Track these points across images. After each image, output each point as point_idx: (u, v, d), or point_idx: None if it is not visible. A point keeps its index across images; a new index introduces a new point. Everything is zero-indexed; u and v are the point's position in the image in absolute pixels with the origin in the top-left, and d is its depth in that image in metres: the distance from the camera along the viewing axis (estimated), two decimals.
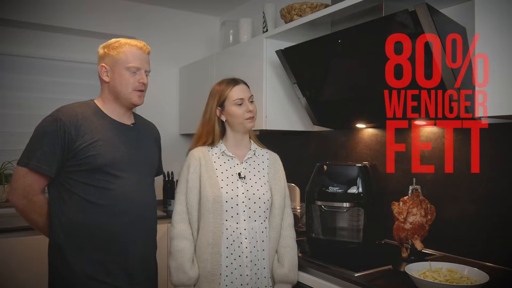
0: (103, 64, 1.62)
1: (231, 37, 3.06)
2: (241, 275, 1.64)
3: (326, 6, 2.10)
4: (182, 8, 3.60)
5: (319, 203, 1.99)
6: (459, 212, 1.83)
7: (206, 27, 3.75)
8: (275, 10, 2.65)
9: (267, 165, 1.84)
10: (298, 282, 1.76)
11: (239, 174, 1.74)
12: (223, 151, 1.78)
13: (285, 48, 2.18)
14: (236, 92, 1.77)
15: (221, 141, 1.81)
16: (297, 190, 2.30)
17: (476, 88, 1.40)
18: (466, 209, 1.81)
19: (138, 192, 1.61)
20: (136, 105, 1.67)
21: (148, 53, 1.68)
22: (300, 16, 2.25)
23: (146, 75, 1.65)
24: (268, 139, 3.12)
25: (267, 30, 2.59)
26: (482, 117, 1.44)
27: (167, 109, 3.53)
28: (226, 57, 2.88)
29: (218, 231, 1.64)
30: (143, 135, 1.72)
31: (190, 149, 1.81)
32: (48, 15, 3.10)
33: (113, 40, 1.64)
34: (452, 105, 1.61)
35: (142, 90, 1.63)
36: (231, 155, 1.77)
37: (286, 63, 2.21)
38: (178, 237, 1.68)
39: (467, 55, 1.71)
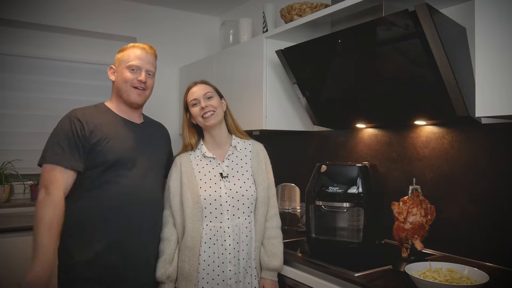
0: (111, 65, 1.75)
1: (231, 37, 3.06)
2: (223, 272, 1.69)
3: (326, 6, 2.10)
4: (182, 8, 3.60)
5: (319, 203, 1.99)
6: (459, 212, 1.83)
7: (206, 27, 3.75)
8: (275, 10, 2.66)
9: (250, 158, 1.85)
10: (299, 282, 1.76)
11: (221, 174, 1.76)
12: (204, 153, 1.80)
13: (285, 48, 2.18)
14: (190, 95, 1.82)
15: (202, 144, 1.84)
16: (297, 190, 2.31)
17: (476, 88, 1.40)
18: (466, 209, 1.81)
19: (145, 187, 1.67)
20: (135, 103, 1.72)
21: (153, 54, 1.77)
22: (300, 16, 2.25)
23: (149, 75, 1.72)
24: (268, 139, 3.12)
25: (267, 30, 2.59)
26: (482, 117, 1.44)
27: (167, 109, 3.53)
28: (226, 57, 2.88)
29: (196, 236, 1.69)
30: (152, 133, 1.80)
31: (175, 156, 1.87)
32: (48, 15, 3.10)
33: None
34: (452, 105, 1.61)
35: (141, 88, 1.70)
36: (211, 156, 1.80)
37: (286, 63, 2.21)
38: (161, 239, 1.76)
39: (467, 55, 1.71)
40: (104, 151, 1.59)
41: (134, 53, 1.70)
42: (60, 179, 1.54)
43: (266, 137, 3.06)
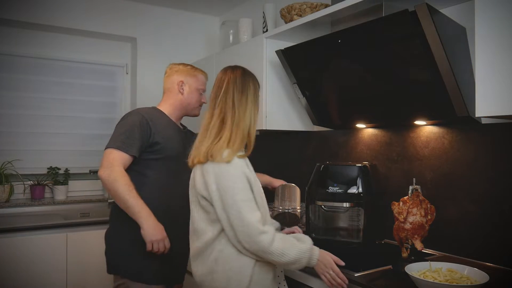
0: (182, 80, 2.08)
1: (231, 37, 3.06)
2: None
3: (326, 6, 2.10)
4: (182, 8, 3.60)
5: (319, 203, 1.99)
6: (459, 212, 1.83)
7: (206, 27, 3.75)
8: (275, 10, 2.66)
9: None
10: (299, 282, 1.76)
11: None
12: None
13: (285, 48, 2.18)
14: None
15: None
16: (297, 190, 2.30)
17: (476, 88, 1.40)
18: (466, 209, 1.81)
19: (184, 183, 1.77)
20: (195, 116, 2.15)
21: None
22: (300, 16, 2.25)
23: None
24: (268, 139, 3.12)
25: (267, 30, 2.59)
26: (482, 117, 1.44)
27: None
28: (226, 57, 2.88)
29: None
30: (188, 137, 2.06)
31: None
32: (48, 15, 3.10)
33: (189, 65, 2.15)
34: (452, 105, 1.61)
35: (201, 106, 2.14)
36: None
37: (286, 63, 2.21)
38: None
39: (467, 55, 1.71)
40: (163, 149, 1.92)
41: (203, 80, 2.14)
42: (118, 159, 1.81)
43: (266, 137, 3.06)
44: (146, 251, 1.79)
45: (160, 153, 1.92)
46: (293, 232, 1.72)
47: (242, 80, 1.55)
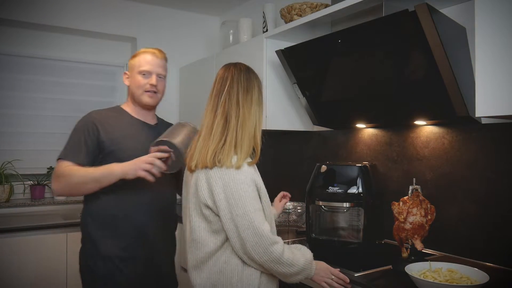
0: (125, 71, 1.86)
1: (231, 37, 3.06)
2: None
3: (326, 6, 2.10)
4: (182, 8, 3.60)
5: (319, 203, 1.99)
6: (459, 212, 1.83)
7: (206, 27, 3.75)
8: (275, 10, 2.66)
9: None
10: (298, 282, 1.76)
11: None
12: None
13: (285, 48, 2.18)
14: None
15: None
16: (187, 127, 1.96)
17: (476, 88, 1.40)
18: (466, 209, 1.81)
19: (158, 185, 1.69)
20: (148, 105, 1.83)
21: (163, 58, 1.86)
22: (300, 16, 2.25)
23: (160, 78, 1.83)
24: (268, 139, 3.12)
25: (267, 30, 2.59)
26: (482, 117, 1.44)
27: (167, 109, 3.51)
28: (226, 57, 2.87)
29: None
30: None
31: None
32: (48, 15, 3.10)
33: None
34: (452, 105, 1.61)
35: (152, 91, 1.81)
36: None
37: (286, 63, 2.21)
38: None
39: (467, 55, 1.71)
40: (118, 151, 1.70)
41: (145, 59, 1.80)
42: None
43: (266, 137, 3.06)
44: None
45: (112, 157, 1.68)
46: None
47: (246, 77, 1.46)
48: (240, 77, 1.45)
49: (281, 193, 1.90)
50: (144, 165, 1.55)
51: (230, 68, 1.49)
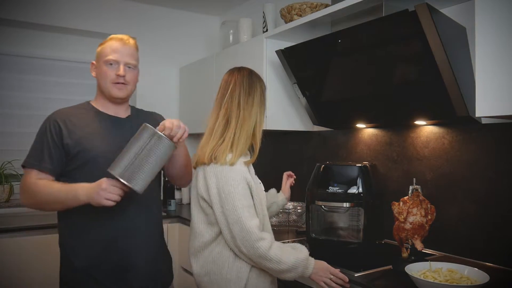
0: (92, 61, 1.67)
1: (231, 37, 3.06)
2: None
3: (326, 6, 2.10)
4: (182, 8, 3.60)
5: (319, 203, 1.99)
6: (459, 212, 1.83)
7: (206, 27, 3.75)
8: (275, 10, 2.66)
9: None
10: (299, 282, 1.76)
11: None
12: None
13: (285, 48, 2.18)
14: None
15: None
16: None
17: (476, 88, 1.40)
18: (466, 209, 1.81)
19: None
20: (118, 98, 1.63)
21: (133, 45, 1.67)
22: (300, 16, 2.25)
23: (129, 68, 1.62)
24: (268, 139, 3.12)
25: (267, 30, 2.59)
26: (482, 117, 1.44)
27: (167, 109, 3.52)
28: (226, 57, 2.88)
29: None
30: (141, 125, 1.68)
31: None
32: (48, 15, 3.10)
33: None
34: (452, 105, 1.61)
35: (120, 82, 1.60)
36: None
37: (286, 63, 2.21)
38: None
39: (467, 55, 1.71)
40: (83, 152, 1.53)
41: (111, 47, 1.61)
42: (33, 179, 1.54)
43: (266, 137, 3.06)
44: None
45: (80, 159, 1.53)
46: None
47: (249, 81, 1.54)
48: (242, 81, 1.53)
49: (285, 175, 1.97)
50: (107, 194, 1.38)
51: (234, 73, 1.58)
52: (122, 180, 1.37)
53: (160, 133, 1.41)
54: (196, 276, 1.54)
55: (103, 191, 1.38)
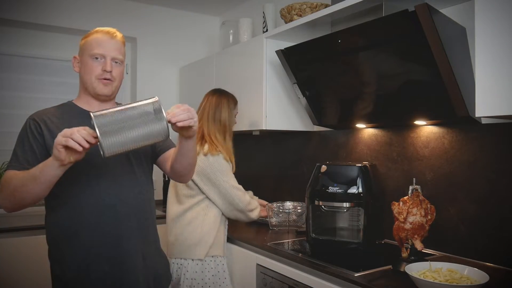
0: (75, 55, 1.56)
1: (231, 37, 3.06)
2: None
3: (326, 6, 2.10)
4: (182, 8, 3.60)
5: (319, 203, 1.99)
6: (459, 212, 1.83)
7: (206, 27, 3.75)
8: (275, 10, 2.66)
9: None
10: (299, 282, 1.76)
11: None
12: None
13: (285, 48, 2.18)
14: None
15: None
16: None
17: (476, 88, 1.40)
18: (466, 209, 1.81)
19: (122, 185, 1.51)
20: (103, 95, 1.53)
21: (120, 39, 1.55)
22: (300, 16, 2.25)
23: (116, 63, 1.53)
24: (268, 139, 3.12)
25: (267, 30, 2.59)
26: (482, 117, 1.44)
27: (167, 109, 3.52)
28: (226, 57, 2.88)
29: None
30: None
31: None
32: (47, 15, 3.10)
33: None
34: (452, 105, 1.61)
35: (106, 78, 1.51)
36: None
37: (286, 63, 2.21)
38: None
39: (467, 55, 1.71)
40: None
41: (97, 40, 1.49)
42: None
43: (266, 137, 3.06)
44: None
45: None
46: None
47: (216, 98, 2.27)
48: (212, 99, 2.25)
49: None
50: (74, 134, 1.22)
51: (206, 94, 2.31)
52: (97, 130, 1.21)
53: (164, 114, 1.32)
54: (174, 235, 2.16)
55: (71, 130, 1.22)
